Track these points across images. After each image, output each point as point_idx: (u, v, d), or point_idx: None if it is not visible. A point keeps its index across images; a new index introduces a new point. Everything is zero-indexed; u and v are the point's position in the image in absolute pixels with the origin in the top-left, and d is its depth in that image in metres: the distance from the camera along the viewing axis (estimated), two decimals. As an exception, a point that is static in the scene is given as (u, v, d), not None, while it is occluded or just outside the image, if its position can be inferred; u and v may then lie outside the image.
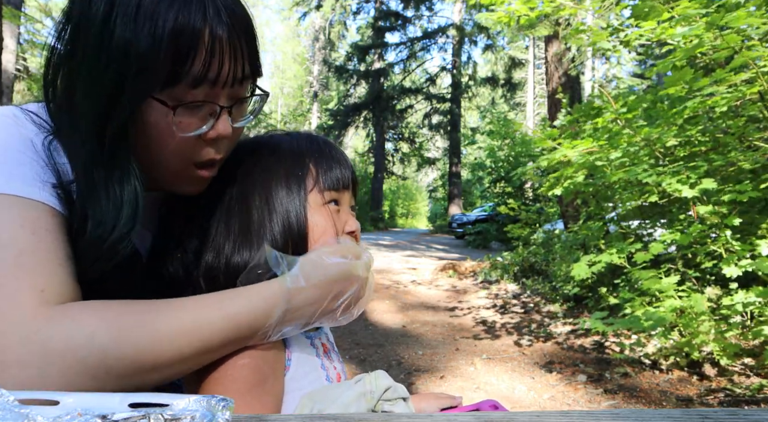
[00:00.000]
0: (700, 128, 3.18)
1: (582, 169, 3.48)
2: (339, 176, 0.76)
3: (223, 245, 0.71)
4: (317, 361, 0.75)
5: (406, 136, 24.98)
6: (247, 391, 0.63)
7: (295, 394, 0.69)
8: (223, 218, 0.73)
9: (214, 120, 0.66)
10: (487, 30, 20.78)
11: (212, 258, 0.71)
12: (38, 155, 0.63)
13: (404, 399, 0.74)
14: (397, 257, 10.39)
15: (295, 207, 0.73)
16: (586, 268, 3.22)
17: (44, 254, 0.57)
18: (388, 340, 4.27)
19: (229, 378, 0.63)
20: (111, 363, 0.54)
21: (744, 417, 0.49)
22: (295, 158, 0.76)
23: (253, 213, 0.72)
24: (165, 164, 0.67)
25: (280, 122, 34.70)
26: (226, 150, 0.72)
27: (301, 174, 0.75)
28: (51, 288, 0.56)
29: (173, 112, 0.63)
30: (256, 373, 0.65)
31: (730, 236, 2.81)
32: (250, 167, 0.75)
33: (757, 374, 2.90)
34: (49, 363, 0.52)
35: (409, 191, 36.83)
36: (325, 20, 27.30)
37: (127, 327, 0.56)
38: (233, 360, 0.64)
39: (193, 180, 0.70)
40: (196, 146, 0.67)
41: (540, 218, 8.06)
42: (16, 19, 7.02)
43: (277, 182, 0.74)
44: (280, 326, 0.64)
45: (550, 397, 2.98)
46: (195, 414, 0.41)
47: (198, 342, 0.59)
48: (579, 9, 3.81)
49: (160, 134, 0.64)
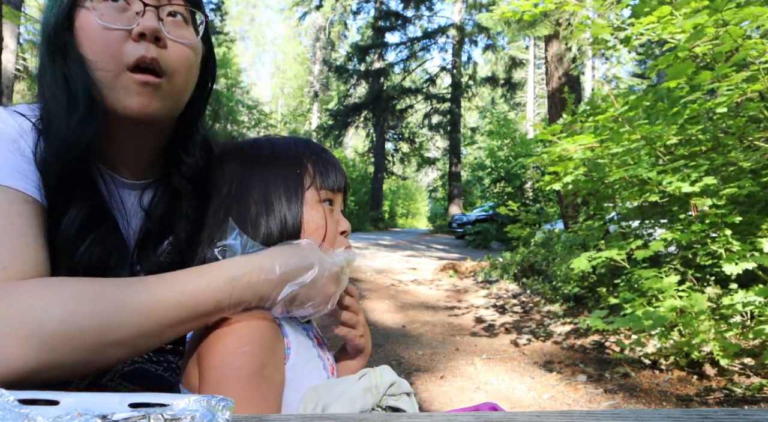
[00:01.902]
0: (701, 128, 3.18)
1: (582, 166, 3.48)
2: (334, 178, 0.80)
3: (218, 237, 0.73)
4: (314, 351, 0.77)
5: (406, 136, 24.97)
6: (246, 378, 0.64)
7: (296, 382, 0.70)
8: (221, 211, 0.75)
9: (140, 18, 0.69)
10: (487, 30, 20.76)
11: (207, 248, 0.74)
12: (17, 148, 0.66)
13: (408, 395, 0.75)
14: (397, 257, 10.39)
15: (292, 203, 0.76)
16: (586, 262, 3.25)
17: (10, 235, 0.60)
18: (388, 340, 4.27)
19: (227, 364, 0.64)
20: (66, 334, 0.55)
21: (744, 417, 0.49)
22: (294, 158, 0.79)
23: (251, 207, 0.75)
24: (99, 65, 0.69)
25: (280, 122, 34.70)
26: (167, 63, 0.71)
27: (299, 172, 0.78)
28: (13, 266, 0.59)
29: (92, 2, 0.69)
30: (255, 360, 0.65)
31: (730, 235, 2.82)
32: (249, 163, 0.78)
33: (757, 374, 2.90)
34: (5, 336, 0.53)
35: (409, 191, 36.82)
36: (326, 20, 27.31)
37: (84, 300, 0.57)
38: (233, 348, 0.65)
39: (128, 86, 0.70)
40: (126, 44, 0.69)
41: (540, 218, 8.06)
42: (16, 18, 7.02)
43: (276, 178, 0.76)
44: (236, 303, 0.65)
45: (550, 397, 2.98)
46: (195, 414, 0.41)
47: (159, 316, 0.60)
48: (581, 7, 3.81)
49: (89, 33, 0.69)
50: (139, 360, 0.80)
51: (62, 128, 0.67)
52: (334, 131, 23.60)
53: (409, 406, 0.74)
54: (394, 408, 0.73)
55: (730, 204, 2.97)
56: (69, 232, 0.67)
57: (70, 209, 0.68)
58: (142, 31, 0.69)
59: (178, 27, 0.74)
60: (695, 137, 3.26)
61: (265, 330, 0.68)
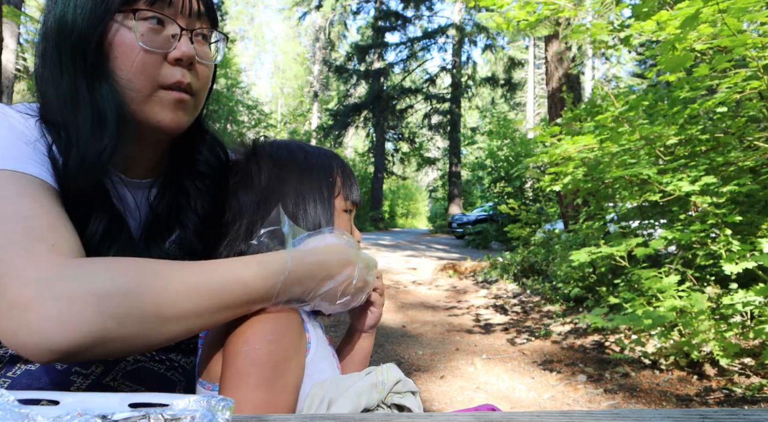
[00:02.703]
0: (701, 128, 3.19)
1: (582, 165, 3.48)
2: (357, 192, 0.87)
3: (260, 226, 0.76)
4: (330, 349, 0.79)
5: (406, 136, 24.98)
6: (269, 367, 0.65)
7: (314, 377, 0.72)
8: (261, 204, 0.79)
9: (176, 42, 0.71)
10: (487, 30, 20.78)
11: (242, 242, 0.77)
12: (27, 139, 0.66)
13: (413, 393, 0.76)
14: (397, 257, 10.39)
15: (325, 208, 0.81)
16: (586, 255, 3.28)
17: (48, 218, 0.60)
18: (388, 340, 4.27)
19: (255, 351, 0.65)
20: (132, 304, 0.56)
21: (744, 417, 0.49)
22: (327, 167, 0.84)
23: (288, 205, 0.79)
24: (134, 85, 0.70)
25: (280, 122, 34.69)
26: (196, 84, 0.75)
27: (332, 181, 0.83)
28: (61, 244, 0.59)
29: (135, 21, 0.69)
30: (282, 350, 0.67)
31: (730, 235, 2.82)
32: (286, 163, 0.82)
33: (757, 374, 2.90)
34: (75, 300, 0.53)
35: (409, 191, 36.82)
36: (326, 20, 27.29)
37: (147, 273, 0.59)
38: (261, 336, 0.66)
39: (164, 103, 0.72)
40: (162, 67, 0.71)
41: (540, 218, 8.06)
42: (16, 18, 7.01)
43: (312, 184, 0.81)
44: (284, 295, 0.67)
45: (550, 397, 2.98)
46: (195, 414, 0.41)
47: (214, 297, 0.62)
48: (576, 13, 3.81)
49: (127, 53, 0.69)
50: (141, 359, 0.80)
51: (87, 142, 0.67)
52: (334, 131, 23.61)
53: (414, 405, 0.74)
54: (399, 405, 0.73)
55: (731, 204, 2.98)
56: (92, 242, 0.67)
57: (91, 219, 0.68)
58: (180, 58, 0.71)
59: (201, 46, 0.77)
60: (695, 137, 3.26)
61: (292, 323, 0.70)
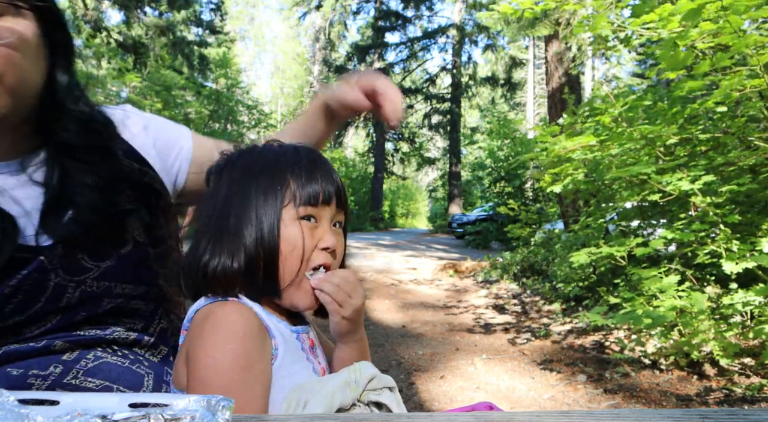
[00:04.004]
0: (701, 128, 3.19)
1: (582, 166, 3.48)
2: (317, 192, 0.77)
3: (197, 246, 0.75)
4: (302, 354, 0.77)
5: (406, 136, 24.97)
6: (236, 373, 0.64)
7: (284, 382, 0.71)
8: (204, 220, 0.77)
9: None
10: (487, 30, 20.77)
11: (207, 255, 0.74)
12: None
13: (390, 389, 0.75)
14: (397, 257, 10.39)
15: (269, 219, 0.75)
16: (585, 256, 3.29)
17: None
18: (388, 340, 4.27)
19: (216, 360, 0.65)
20: None
21: (744, 417, 0.49)
22: (276, 171, 0.78)
23: (231, 219, 0.75)
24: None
25: (280, 122, 34.67)
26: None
27: (280, 188, 0.76)
28: None
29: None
30: (244, 357, 0.66)
31: (730, 235, 2.81)
32: (235, 174, 0.79)
33: (757, 374, 2.90)
34: None
35: (409, 191, 36.79)
36: (325, 20, 27.27)
37: None
38: (222, 345, 0.66)
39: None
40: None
41: (540, 218, 8.06)
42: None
43: (257, 191, 0.76)
44: None
45: (550, 397, 2.98)
46: (195, 414, 0.41)
47: None
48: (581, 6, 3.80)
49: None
50: (102, 355, 0.80)
51: None
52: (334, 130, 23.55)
53: (391, 400, 0.74)
54: (376, 402, 0.73)
55: (730, 204, 2.97)
56: None
57: None
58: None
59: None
60: (695, 137, 3.26)
61: (253, 329, 0.69)
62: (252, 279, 0.74)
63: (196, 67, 15.38)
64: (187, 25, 15.38)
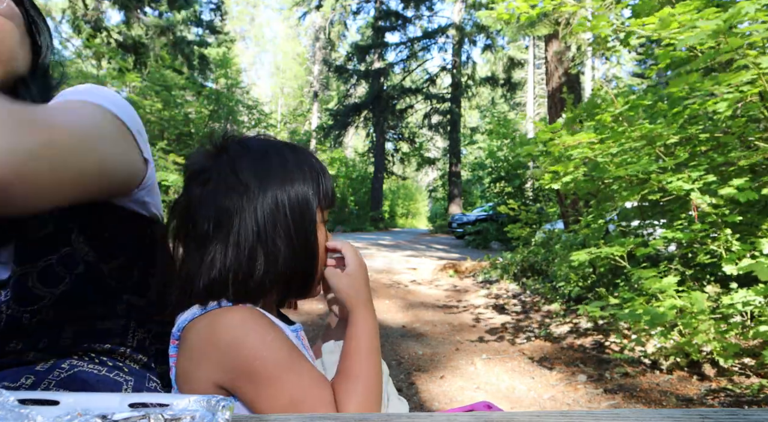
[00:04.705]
0: (701, 128, 3.19)
1: (582, 165, 3.48)
2: (334, 193, 0.78)
3: (234, 257, 0.70)
4: (304, 350, 0.78)
5: (406, 136, 24.96)
6: (291, 356, 0.67)
7: None
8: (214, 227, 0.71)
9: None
10: (486, 30, 20.76)
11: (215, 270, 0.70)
12: None
13: None
14: (398, 257, 10.39)
15: (306, 226, 0.73)
16: (585, 255, 3.29)
17: None
18: (387, 340, 4.27)
19: (269, 357, 0.65)
20: None
21: (744, 417, 0.49)
22: (303, 175, 0.75)
23: (260, 226, 0.71)
24: None
25: (280, 122, 34.67)
26: None
27: (313, 193, 0.75)
28: None
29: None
30: (282, 340, 0.68)
31: (730, 235, 2.81)
32: (248, 177, 0.72)
33: (757, 374, 2.90)
34: None
35: (409, 191, 36.79)
36: (325, 20, 27.26)
37: None
38: (261, 342, 0.66)
39: None
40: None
41: (540, 218, 8.06)
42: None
43: (289, 198, 0.73)
44: None
45: (550, 397, 2.98)
46: (195, 414, 0.41)
47: None
48: (579, 7, 3.80)
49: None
50: (77, 364, 0.77)
51: None
52: (334, 130, 23.59)
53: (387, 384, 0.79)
54: None
55: (730, 204, 2.97)
56: None
57: None
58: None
59: None
60: (695, 137, 3.26)
61: (270, 321, 0.71)
62: (289, 285, 0.75)
63: (196, 67, 15.37)
64: (187, 25, 15.37)
